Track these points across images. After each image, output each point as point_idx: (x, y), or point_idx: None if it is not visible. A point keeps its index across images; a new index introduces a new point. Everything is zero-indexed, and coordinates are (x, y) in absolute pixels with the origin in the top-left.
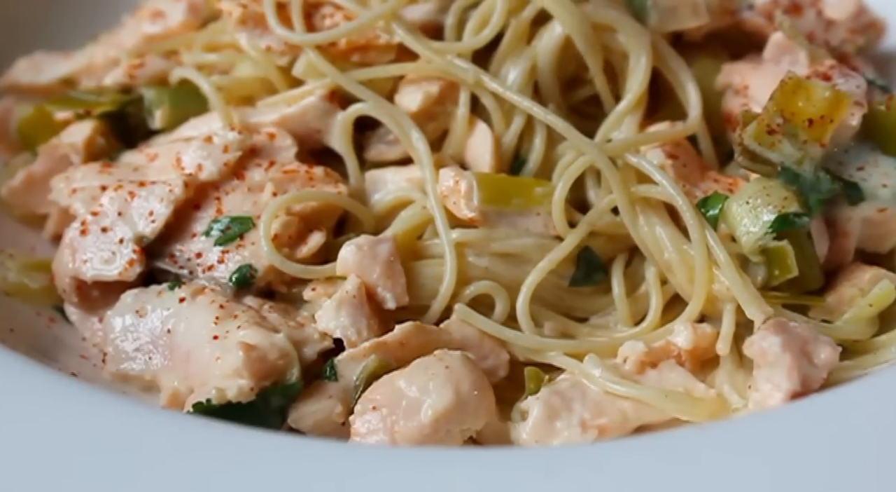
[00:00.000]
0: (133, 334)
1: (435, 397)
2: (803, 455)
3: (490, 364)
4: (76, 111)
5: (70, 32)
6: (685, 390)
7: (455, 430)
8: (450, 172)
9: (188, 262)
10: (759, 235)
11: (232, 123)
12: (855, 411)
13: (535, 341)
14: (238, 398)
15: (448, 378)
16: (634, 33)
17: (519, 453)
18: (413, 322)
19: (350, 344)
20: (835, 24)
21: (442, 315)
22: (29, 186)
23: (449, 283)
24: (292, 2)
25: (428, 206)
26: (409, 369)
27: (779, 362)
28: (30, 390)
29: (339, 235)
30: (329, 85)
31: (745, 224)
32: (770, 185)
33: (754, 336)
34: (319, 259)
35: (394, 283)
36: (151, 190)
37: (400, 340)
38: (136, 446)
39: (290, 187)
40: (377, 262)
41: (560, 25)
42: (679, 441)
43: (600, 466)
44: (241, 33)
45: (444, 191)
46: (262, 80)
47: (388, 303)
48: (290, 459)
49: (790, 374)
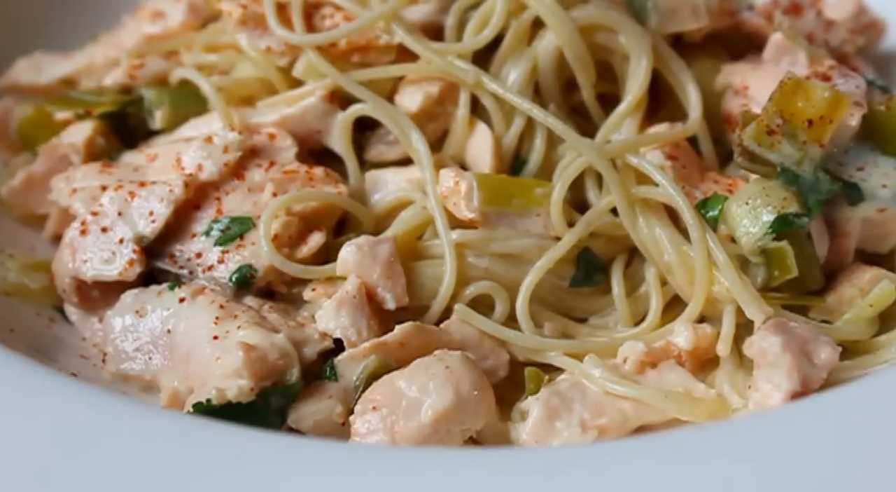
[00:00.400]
0: (133, 334)
1: (435, 397)
2: (803, 455)
3: (490, 364)
4: (76, 111)
5: (70, 32)
6: (685, 390)
7: (455, 430)
8: (450, 173)
9: (188, 262)
10: (758, 235)
11: (232, 124)
12: (855, 411)
13: (535, 341)
14: (238, 398)
15: (448, 378)
16: (635, 35)
17: (519, 453)
18: (413, 322)
19: (350, 344)
20: (835, 24)
21: (442, 315)
22: (29, 186)
23: (449, 283)
24: (292, 2)
25: (428, 206)
26: (409, 369)
27: (779, 362)
28: (30, 389)
29: (339, 235)
30: (329, 85)
31: (744, 225)
32: (770, 185)
33: (754, 336)
34: (319, 259)
35: (394, 283)
36: (151, 190)
37: (400, 341)
38: (137, 446)
39: (290, 188)
40: (377, 262)
41: (554, 36)
42: (679, 441)
43: (600, 466)
44: (242, 34)
45: (444, 191)
46: (262, 81)
47: (389, 303)
48: (290, 458)
49: (790, 374)
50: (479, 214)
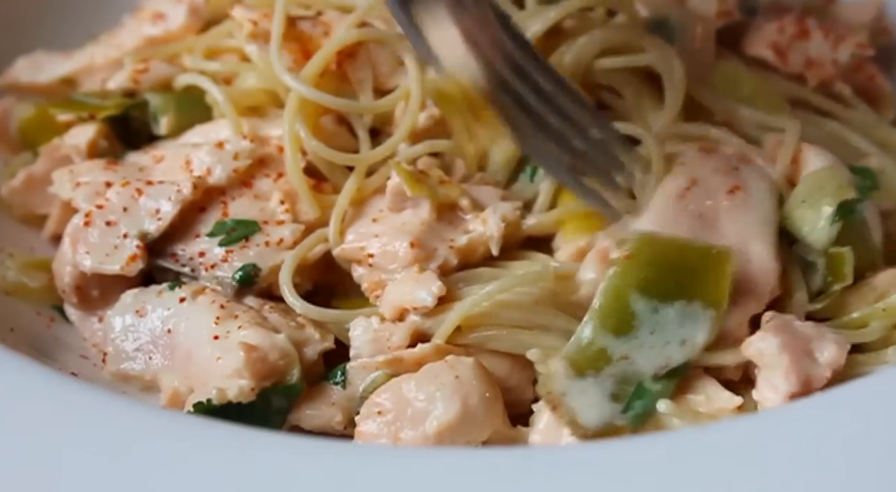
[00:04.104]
0: (133, 334)
1: (441, 410)
2: (804, 455)
3: (514, 384)
4: (80, 115)
5: (70, 32)
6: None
7: (460, 442)
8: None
9: (190, 260)
10: (826, 228)
11: (242, 133)
12: (855, 411)
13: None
14: (238, 398)
15: (456, 390)
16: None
17: (519, 453)
18: (434, 344)
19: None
20: (843, 39)
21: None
22: (29, 186)
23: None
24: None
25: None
26: (419, 375)
27: (776, 364)
28: (30, 389)
29: None
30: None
31: (810, 222)
32: (820, 177)
33: (754, 337)
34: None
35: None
36: (159, 189)
37: (417, 360)
38: (137, 445)
39: (297, 200)
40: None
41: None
42: (679, 441)
43: (600, 466)
44: (252, 45)
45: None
46: (269, 93)
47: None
48: (291, 458)
49: (788, 376)
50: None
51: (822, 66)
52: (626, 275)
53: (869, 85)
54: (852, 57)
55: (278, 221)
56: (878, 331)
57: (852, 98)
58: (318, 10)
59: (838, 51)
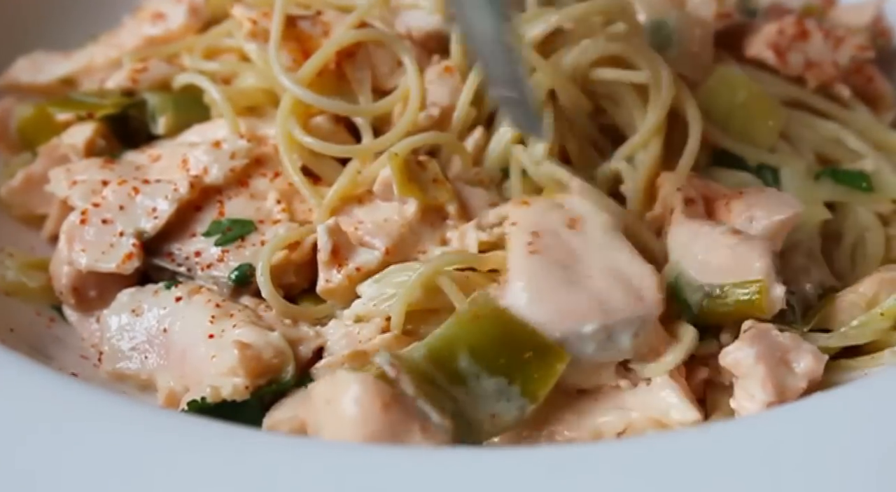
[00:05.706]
0: (129, 333)
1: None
2: (804, 456)
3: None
4: (78, 113)
5: (70, 32)
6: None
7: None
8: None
9: (186, 260)
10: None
11: (240, 132)
12: (854, 412)
13: None
14: (233, 396)
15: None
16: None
17: (519, 453)
18: (394, 334)
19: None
20: (843, 41)
21: None
22: (28, 186)
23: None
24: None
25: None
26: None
27: (752, 374)
28: (30, 389)
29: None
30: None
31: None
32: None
33: (730, 347)
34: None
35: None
36: (156, 187)
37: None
38: (136, 445)
39: (293, 199)
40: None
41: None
42: (680, 441)
43: (600, 466)
44: (251, 44)
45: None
46: (267, 92)
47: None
48: (289, 457)
49: (764, 385)
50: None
51: (822, 67)
52: (466, 332)
53: (868, 86)
54: (852, 59)
55: (274, 221)
56: (870, 334)
57: (851, 99)
58: (317, 9)
59: (838, 52)
